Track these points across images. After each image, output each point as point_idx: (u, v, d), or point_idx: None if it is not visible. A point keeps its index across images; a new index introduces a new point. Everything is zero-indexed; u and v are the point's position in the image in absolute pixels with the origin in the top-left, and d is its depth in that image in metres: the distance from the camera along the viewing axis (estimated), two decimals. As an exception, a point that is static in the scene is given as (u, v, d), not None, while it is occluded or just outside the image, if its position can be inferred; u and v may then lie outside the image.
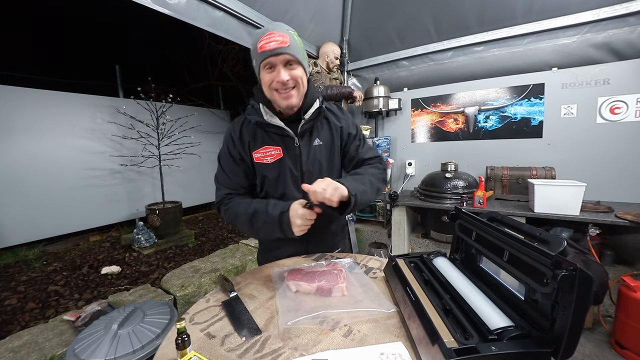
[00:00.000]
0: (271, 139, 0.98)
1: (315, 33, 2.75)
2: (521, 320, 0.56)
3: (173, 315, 1.43)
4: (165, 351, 0.62)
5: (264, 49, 0.83)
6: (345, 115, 1.09)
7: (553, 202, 1.84)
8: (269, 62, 0.85)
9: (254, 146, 0.98)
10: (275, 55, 0.84)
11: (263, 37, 0.84)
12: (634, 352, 1.46)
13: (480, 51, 2.55)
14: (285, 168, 0.99)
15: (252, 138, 0.98)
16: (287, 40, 0.84)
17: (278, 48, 0.83)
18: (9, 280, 2.69)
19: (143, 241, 3.38)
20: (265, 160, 0.98)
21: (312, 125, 0.99)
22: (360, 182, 0.90)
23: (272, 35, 0.83)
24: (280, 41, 0.83)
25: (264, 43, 0.83)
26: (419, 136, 3.00)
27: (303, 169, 1.00)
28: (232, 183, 1.01)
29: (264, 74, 0.88)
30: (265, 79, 0.88)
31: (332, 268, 0.88)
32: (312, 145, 1.00)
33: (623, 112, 2.09)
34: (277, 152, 0.98)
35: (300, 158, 0.99)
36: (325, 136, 1.03)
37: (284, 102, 0.90)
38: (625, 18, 2.01)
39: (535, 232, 0.64)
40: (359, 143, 1.08)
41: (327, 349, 0.60)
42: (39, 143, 3.37)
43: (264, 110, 0.96)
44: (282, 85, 0.86)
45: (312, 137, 1.01)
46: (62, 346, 1.49)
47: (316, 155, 1.01)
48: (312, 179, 0.96)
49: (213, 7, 1.80)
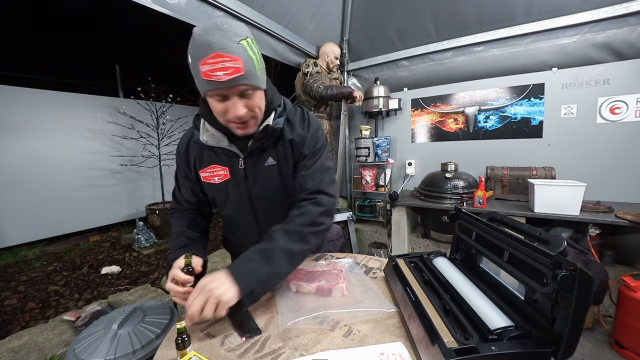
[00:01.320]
0: (218, 158, 0.87)
1: (315, 33, 2.76)
2: (521, 320, 0.56)
3: (173, 315, 1.43)
4: (165, 351, 0.62)
5: (211, 79, 0.65)
6: (306, 130, 0.88)
7: (553, 202, 1.84)
8: (219, 93, 0.69)
9: (200, 165, 0.89)
10: (228, 88, 0.68)
11: (207, 59, 0.64)
12: (634, 352, 1.46)
13: (480, 51, 2.55)
14: (233, 190, 0.88)
15: (198, 156, 0.89)
16: (240, 66, 0.66)
17: (232, 80, 0.66)
18: (9, 280, 2.69)
19: (143, 241, 3.38)
20: (213, 180, 0.88)
21: (263, 143, 0.84)
22: (266, 262, 0.69)
23: (220, 59, 0.64)
24: (232, 69, 0.65)
25: (209, 69, 0.64)
26: (419, 136, 3.00)
27: (251, 191, 0.88)
28: (180, 197, 0.99)
29: (211, 101, 0.72)
30: (216, 108, 0.73)
31: (332, 268, 0.88)
32: (264, 165, 0.86)
33: (623, 112, 2.09)
34: (224, 173, 0.87)
35: (246, 181, 0.87)
36: (280, 154, 0.87)
37: (240, 132, 0.78)
38: (625, 18, 2.00)
39: (535, 232, 0.64)
40: (310, 165, 0.87)
41: (327, 349, 0.60)
42: (39, 143, 3.37)
43: (205, 128, 0.83)
44: (237, 118, 0.73)
45: (264, 155, 0.86)
46: (62, 346, 1.49)
47: (267, 176, 0.87)
48: (262, 202, 0.91)
49: (213, 7, 1.80)
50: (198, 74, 0.67)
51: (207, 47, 0.64)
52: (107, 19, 5.79)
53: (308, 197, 0.84)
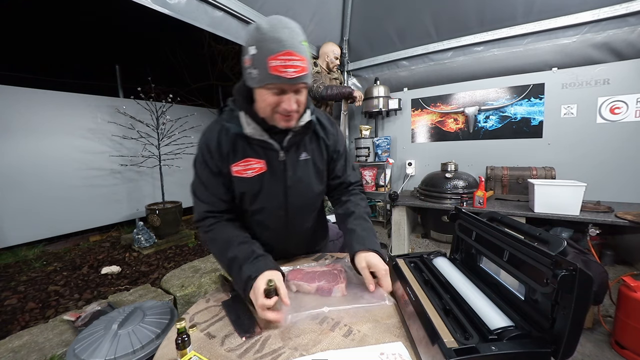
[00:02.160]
0: (254, 151, 0.88)
1: (315, 33, 2.75)
2: (521, 320, 0.56)
3: (173, 315, 1.43)
4: (165, 351, 0.62)
5: (280, 75, 0.70)
6: (334, 128, 1.01)
7: (553, 202, 1.84)
8: (280, 87, 0.74)
9: (234, 158, 0.87)
10: (291, 84, 0.73)
11: (278, 55, 0.69)
12: (634, 352, 1.46)
13: (480, 51, 2.55)
14: (268, 183, 0.90)
15: (232, 149, 0.87)
16: (305, 65, 0.73)
17: (298, 78, 0.72)
18: (9, 280, 2.69)
19: (143, 241, 3.38)
20: (245, 174, 0.88)
21: (300, 138, 0.90)
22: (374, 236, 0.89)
23: (291, 57, 0.70)
24: (300, 68, 0.71)
25: (279, 65, 0.69)
26: (419, 136, 3.00)
27: (288, 184, 0.91)
28: (211, 197, 0.90)
29: (266, 93, 0.76)
30: (268, 99, 0.77)
31: (332, 268, 0.88)
32: (299, 159, 0.92)
33: (623, 112, 2.09)
34: (259, 166, 0.88)
35: (285, 173, 0.90)
36: (313, 150, 0.94)
37: (283, 124, 0.82)
38: (625, 18, 2.01)
39: (535, 232, 0.64)
40: (344, 163, 1.02)
41: (327, 349, 0.60)
42: (38, 143, 3.37)
43: (246, 120, 0.85)
44: (287, 112, 0.78)
45: (299, 150, 0.92)
46: (62, 346, 1.49)
47: (302, 170, 0.93)
48: (296, 195, 0.94)
49: (213, 7, 1.80)
50: (264, 67, 0.71)
51: (279, 44, 0.69)
52: (107, 19, 5.79)
53: (356, 187, 1.04)
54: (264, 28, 0.71)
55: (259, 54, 0.71)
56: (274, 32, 0.70)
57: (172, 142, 4.11)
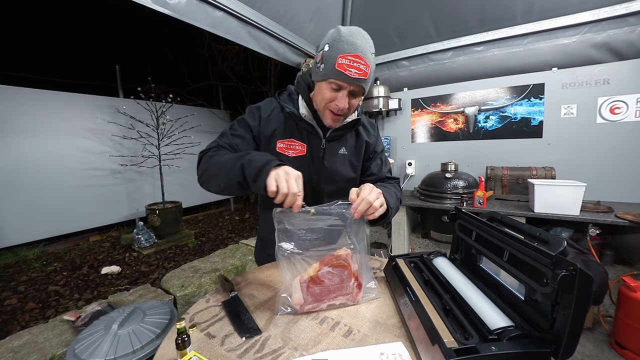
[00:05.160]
0: (299, 134, 0.95)
1: (315, 33, 2.75)
2: (521, 320, 0.56)
3: (173, 315, 1.44)
4: (165, 351, 0.62)
5: (344, 72, 0.77)
6: (375, 131, 1.08)
7: (553, 202, 1.84)
8: (339, 84, 0.80)
9: (281, 135, 0.94)
10: (350, 84, 0.79)
11: (348, 55, 0.76)
12: (634, 352, 1.46)
13: (480, 51, 2.55)
14: (305, 166, 0.93)
15: (282, 126, 0.94)
16: (368, 72, 0.79)
17: (358, 79, 0.78)
18: (9, 280, 2.69)
19: (143, 241, 3.38)
20: (287, 152, 0.94)
21: (343, 133, 0.97)
22: (391, 197, 0.87)
23: (359, 60, 0.76)
24: (363, 72, 0.77)
25: (346, 63, 0.76)
26: (419, 136, 3.00)
27: (323, 171, 0.97)
28: (231, 142, 0.89)
29: (325, 87, 0.83)
30: (325, 93, 0.83)
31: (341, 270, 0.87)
32: (338, 152, 0.98)
33: (623, 112, 2.09)
34: (301, 148, 0.94)
35: (322, 160, 0.96)
36: (351, 147, 1.01)
37: (329, 122, 0.89)
38: (625, 18, 2.00)
39: (535, 232, 0.64)
40: (380, 163, 1.08)
41: (327, 349, 0.60)
42: (38, 143, 3.37)
43: (302, 104, 0.93)
44: (337, 109, 0.84)
45: (340, 144, 0.99)
46: (62, 346, 1.49)
47: (340, 162, 0.99)
48: (326, 184, 0.98)
49: (213, 7, 1.80)
50: (332, 63, 0.78)
51: (352, 46, 0.76)
52: (107, 19, 5.79)
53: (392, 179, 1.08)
54: (343, 32, 0.78)
55: (330, 51, 0.78)
56: (350, 36, 0.77)
57: (172, 142, 4.12)
